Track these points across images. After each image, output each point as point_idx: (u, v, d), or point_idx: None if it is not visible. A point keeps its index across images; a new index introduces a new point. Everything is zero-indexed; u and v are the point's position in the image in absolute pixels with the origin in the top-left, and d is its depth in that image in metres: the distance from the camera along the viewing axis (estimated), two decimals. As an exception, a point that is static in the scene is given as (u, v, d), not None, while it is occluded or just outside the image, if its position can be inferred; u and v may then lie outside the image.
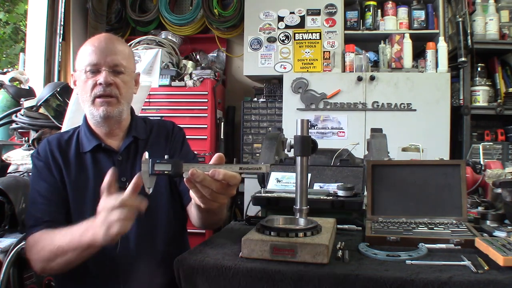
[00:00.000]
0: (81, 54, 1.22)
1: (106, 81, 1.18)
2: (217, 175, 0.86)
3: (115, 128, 1.26)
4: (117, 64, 1.21)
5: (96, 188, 1.19)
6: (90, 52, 1.20)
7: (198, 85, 3.24)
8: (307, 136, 1.10)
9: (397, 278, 0.85)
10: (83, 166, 1.23)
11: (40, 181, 1.21)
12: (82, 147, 1.25)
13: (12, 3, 5.31)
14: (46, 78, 3.19)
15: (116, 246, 1.15)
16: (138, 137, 1.28)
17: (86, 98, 1.21)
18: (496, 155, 2.80)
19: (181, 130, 1.39)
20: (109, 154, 1.24)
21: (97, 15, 3.52)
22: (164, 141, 1.32)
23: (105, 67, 1.19)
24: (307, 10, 3.34)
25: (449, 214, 1.22)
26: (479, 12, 3.09)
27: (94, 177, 1.21)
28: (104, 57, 1.19)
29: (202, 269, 0.95)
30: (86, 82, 1.19)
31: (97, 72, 1.19)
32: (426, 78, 3.06)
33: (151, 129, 1.34)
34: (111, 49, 1.21)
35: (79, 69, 1.22)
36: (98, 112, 1.20)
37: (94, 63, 1.18)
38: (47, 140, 1.27)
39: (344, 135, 3.09)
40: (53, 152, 1.23)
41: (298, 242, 0.94)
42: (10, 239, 1.19)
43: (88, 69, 1.19)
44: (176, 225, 1.30)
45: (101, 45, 1.20)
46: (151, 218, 1.22)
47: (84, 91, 1.21)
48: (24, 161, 1.82)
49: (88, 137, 1.25)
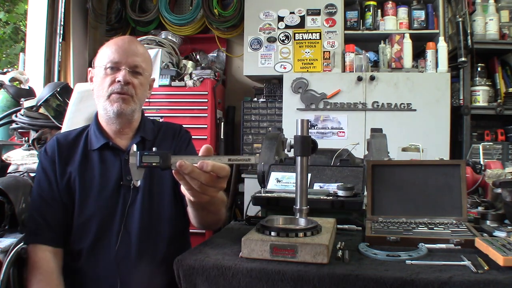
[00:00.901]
0: (102, 51, 1.26)
1: (125, 80, 1.21)
2: (205, 166, 0.85)
3: (125, 127, 1.28)
4: (137, 65, 1.25)
5: (101, 186, 1.21)
6: (113, 51, 1.23)
7: (198, 85, 3.24)
8: (307, 136, 1.10)
9: (397, 278, 0.85)
10: (89, 163, 1.24)
11: (44, 182, 1.22)
12: (90, 145, 1.27)
13: (12, 3, 5.31)
14: (46, 78, 3.18)
15: (116, 245, 1.16)
16: (146, 137, 1.31)
17: (102, 93, 1.24)
18: (496, 155, 2.80)
19: (187, 132, 1.41)
20: (117, 153, 1.26)
21: (97, 15, 3.52)
22: (170, 142, 1.34)
23: (125, 66, 1.22)
24: (307, 10, 3.35)
25: (449, 214, 1.22)
26: (479, 12, 3.10)
27: (100, 175, 1.22)
28: (126, 57, 1.23)
29: (202, 269, 0.95)
30: (104, 78, 1.23)
31: (117, 70, 1.22)
32: (426, 78, 3.06)
33: (159, 130, 1.36)
34: (133, 50, 1.25)
35: (98, 65, 1.25)
36: (112, 108, 1.22)
37: (116, 61, 1.22)
38: (56, 138, 1.29)
39: (344, 135, 3.09)
40: (61, 149, 1.25)
41: (298, 242, 0.94)
42: (10, 239, 1.19)
43: (109, 66, 1.22)
44: (178, 225, 1.30)
45: (124, 45, 1.24)
46: (154, 217, 1.22)
47: (102, 86, 1.23)
48: (24, 161, 1.82)
49: (97, 135, 1.27)
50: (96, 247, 1.17)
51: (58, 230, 1.19)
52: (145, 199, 1.22)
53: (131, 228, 1.19)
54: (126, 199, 1.20)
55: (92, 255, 1.17)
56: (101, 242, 1.18)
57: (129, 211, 1.19)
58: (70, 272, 1.18)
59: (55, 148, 1.25)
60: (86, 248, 1.17)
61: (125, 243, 1.17)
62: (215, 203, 1.07)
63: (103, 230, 1.18)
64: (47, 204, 1.19)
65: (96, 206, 1.19)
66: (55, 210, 1.19)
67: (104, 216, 1.19)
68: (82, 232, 1.19)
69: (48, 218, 1.18)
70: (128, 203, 1.20)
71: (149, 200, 1.23)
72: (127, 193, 1.21)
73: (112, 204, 1.20)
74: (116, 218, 1.19)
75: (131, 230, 1.19)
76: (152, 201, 1.23)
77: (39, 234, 1.16)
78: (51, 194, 1.20)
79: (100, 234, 1.18)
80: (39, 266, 1.11)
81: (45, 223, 1.17)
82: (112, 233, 1.18)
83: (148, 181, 1.23)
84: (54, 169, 1.23)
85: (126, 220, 1.18)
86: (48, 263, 1.12)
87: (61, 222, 1.20)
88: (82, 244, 1.18)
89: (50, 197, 1.20)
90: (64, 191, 1.21)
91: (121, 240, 1.16)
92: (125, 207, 1.20)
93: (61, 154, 1.24)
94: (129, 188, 1.20)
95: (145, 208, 1.21)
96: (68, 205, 1.21)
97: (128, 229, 1.18)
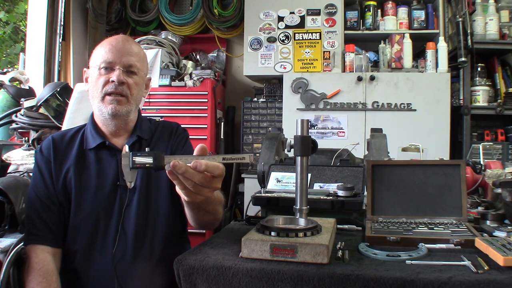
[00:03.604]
0: (97, 52, 1.24)
1: (119, 80, 1.20)
2: (199, 166, 0.84)
3: (121, 128, 1.26)
4: (131, 64, 1.23)
5: (98, 187, 1.20)
6: (107, 51, 1.21)
7: (198, 85, 3.24)
8: (307, 136, 1.10)
9: (397, 278, 0.85)
10: (85, 163, 1.23)
11: (40, 182, 1.21)
12: (86, 144, 1.25)
13: (12, 3, 5.31)
14: (46, 78, 3.19)
15: (113, 246, 1.15)
16: (142, 136, 1.29)
17: (96, 94, 1.23)
18: (496, 155, 2.80)
19: (184, 131, 1.40)
20: (113, 152, 1.24)
21: (97, 15, 3.52)
22: (167, 140, 1.33)
23: (119, 66, 1.21)
24: (307, 10, 3.35)
25: (449, 214, 1.22)
26: (479, 12, 3.09)
27: (96, 175, 1.21)
28: (120, 56, 1.21)
29: (202, 269, 0.95)
30: (98, 79, 1.21)
31: (111, 70, 1.21)
32: (426, 78, 3.06)
33: (156, 129, 1.35)
34: (127, 50, 1.23)
35: (93, 65, 1.24)
36: (107, 109, 1.21)
37: (109, 61, 1.21)
38: (51, 137, 1.28)
39: (344, 135, 3.09)
40: (56, 149, 1.24)
41: (298, 242, 0.94)
42: (10, 239, 1.19)
43: (103, 66, 1.21)
44: (176, 225, 1.29)
45: (118, 44, 1.23)
46: (150, 217, 1.22)
47: (96, 87, 1.22)
48: (24, 161, 1.82)
49: (93, 134, 1.26)
50: (92, 247, 1.17)
51: (56, 230, 1.18)
52: (142, 199, 1.21)
53: (127, 229, 1.18)
54: (123, 199, 1.19)
55: (88, 256, 1.16)
56: (97, 243, 1.17)
57: (125, 211, 1.18)
58: (65, 272, 1.17)
59: (50, 147, 1.24)
60: (82, 248, 1.17)
61: (122, 244, 1.16)
62: (212, 203, 1.06)
63: (99, 230, 1.17)
64: (44, 204, 1.18)
65: (92, 206, 1.18)
66: (51, 211, 1.18)
67: (100, 216, 1.18)
68: (77, 232, 1.18)
69: (45, 219, 1.17)
70: (125, 204, 1.19)
71: (146, 200, 1.22)
72: (124, 194, 1.20)
73: (109, 204, 1.19)
74: (112, 219, 1.18)
75: (128, 230, 1.18)
76: (149, 201, 1.22)
77: (37, 234, 1.15)
78: (47, 194, 1.19)
79: (96, 234, 1.17)
80: (39, 267, 1.10)
81: (43, 224, 1.16)
82: (108, 233, 1.17)
83: (145, 180, 1.22)
84: (49, 169, 1.22)
85: (123, 221, 1.18)
86: (48, 265, 1.12)
87: (58, 222, 1.19)
88: (78, 244, 1.17)
89: (47, 197, 1.19)
90: (60, 191, 1.20)
91: (118, 241, 1.16)
92: (122, 208, 1.19)
93: (56, 153, 1.23)
94: (126, 188, 1.19)
95: (142, 208, 1.20)
96: (65, 205, 1.20)
97: (125, 230, 1.18)
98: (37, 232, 1.16)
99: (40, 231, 1.16)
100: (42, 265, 1.11)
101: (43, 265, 1.11)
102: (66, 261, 1.18)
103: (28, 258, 1.13)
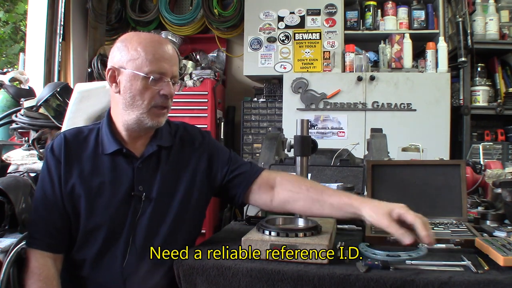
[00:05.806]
0: (139, 54, 1.09)
1: (171, 94, 1.12)
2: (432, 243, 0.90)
3: (143, 134, 1.18)
4: (176, 75, 1.15)
5: (111, 195, 1.12)
6: (158, 58, 1.09)
7: (198, 85, 3.24)
8: (307, 136, 1.10)
9: (397, 278, 0.85)
10: (99, 168, 1.14)
11: (47, 184, 1.14)
12: (102, 148, 1.16)
13: (12, 3, 5.31)
14: (46, 78, 3.18)
15: (123, 257, 1.10)
16: (162, 145, 1.19)
17: (139, 104, 1.11)
18: (496, 155, 2.80)
19: (205, 138, 1.28)
20: (130, 159, 1.15)
21: (97, 15, 3.52)
22: (191, 151, 1.23)
23: (169, 78, 1.12)
24: (307, 10, 3.35)
25: (449, 214, 1.22)
26: (479, 12, 3.10)
27: (111, 182, 1.13)
28: (171, 66, 1.11)
29: (202, 269, 0.95)
30: (146, 89, 1.09)
31: (160, 81, 1.10)
32: (426, 78, 3.06)
33: (175, 133, 1.25)
34: (175, 58, 1.14)
35: (134, 70, 1.09)
36: (152, 122, 1.12)
37: (163, 72, 1.10)
38: (63, 135, 1.18)
39: (344, 135, 3.09)
40: (68, 149, 1.15)
41: (298, 242, 0.94)
42: (10, 239, 1.18)
43: (154, 76, 1.09)
44: (191, 235, 1.23)
45: (169, 52, 1.12)
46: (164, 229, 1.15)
47: (141, 97, 1.10)
48: (24, 161, 1.82)
49: (109, 138, 1.16)
50: (102, 257, 1.11)
51: (58, 236, 1.13)
52: (156, 211, 1.14)
53: (139, 240, 1.12)
54: (137, 210, 1.12)
55: (97, 265, 1.11)
56: (107, 253, 1.11)
57: (138, 222, 1.12)
58: (72, 280, 1.14)
59: (62, 147, 1.15)
60: (91, 257, 1.11)
61: (133, 255, 1.11)
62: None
63: (110, 240, 1.11)
64: (48, 208, 1.13)
65: (104, 215, 1.11)
66: (56, 215, 1.12)
67: (112, 226, 1.11)
68: (87, 241, 1.12)
69: (48, 223, 1.11)
70: (138, 215, 1.12)
71: (160, 211, 1.14)
72: (138, 205, 1.12)
73: (121, 215, 1.12)
74: (124, 230, 1.11)
75: (140, 242, 1.12)
76: (163, 212, 1.15)
77: (39, 239, 1.11)
78: (54, 198, 1.13)
79: (107, 244, 1.11)
80: (40, 272, 1.07)
81: (45, 228, 1.12)
82: (119, 244, 1.11)
83: (159, 190, 1.15)
84: (59, 170, 1.14)
85: (135, 232, 1.11)
86: (48, 269, 1.08)
87: (62, 227, 1.13)
88: (87, 253, 1.12)
89: (53, 201, 1.13)
90: (67, 196, 1.13)
91: (129, 252, 1.10)
92: (135, 219, 1.11)
93: (68, 154, 1.14)
94: (140, 199, 1.12)
95: (156, 219, 1.14)
96: (72, 211, 1.13)
97: (136, 241, 1.11)
98: (39, 236, 1.12)
99: (42, 236, 1.12)
100: (42, 269, 1.08)
101: (43, 270, 1.08)
102: (74, 269, 1.14)
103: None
